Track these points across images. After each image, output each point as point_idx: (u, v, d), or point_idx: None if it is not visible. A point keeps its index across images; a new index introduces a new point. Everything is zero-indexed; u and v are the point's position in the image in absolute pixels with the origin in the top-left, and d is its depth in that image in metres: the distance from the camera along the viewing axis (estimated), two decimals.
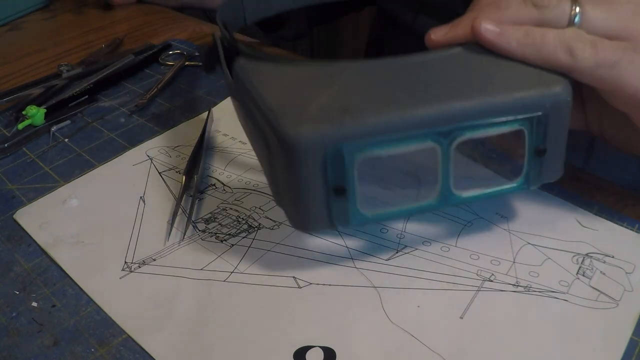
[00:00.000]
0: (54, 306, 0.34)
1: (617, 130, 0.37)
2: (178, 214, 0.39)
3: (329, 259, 0.36)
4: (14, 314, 0.34)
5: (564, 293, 0.33)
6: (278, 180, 0.32)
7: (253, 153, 0.46)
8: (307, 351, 0.31)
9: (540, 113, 0.31)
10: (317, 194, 0.30)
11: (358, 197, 0.31)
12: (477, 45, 0.33)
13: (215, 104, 0.53)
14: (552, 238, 0.36)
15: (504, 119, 0.31)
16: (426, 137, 0.30)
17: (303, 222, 0.32)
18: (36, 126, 0.50)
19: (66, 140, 0.49)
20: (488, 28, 0.32)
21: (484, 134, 0.31)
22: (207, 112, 0.50)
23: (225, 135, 0.48)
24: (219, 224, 0.39)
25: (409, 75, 0.32)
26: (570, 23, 0.32)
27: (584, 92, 0.37)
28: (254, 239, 0.38)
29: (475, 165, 0.33)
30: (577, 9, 0.32)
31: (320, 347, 0.31)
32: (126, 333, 0.32)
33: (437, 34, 0.34)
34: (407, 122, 0.30)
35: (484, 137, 0.31)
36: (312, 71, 0.33)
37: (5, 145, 0.48)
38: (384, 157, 0.30)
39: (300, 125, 0.29)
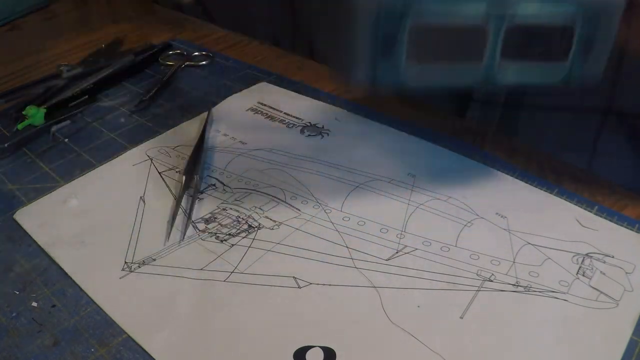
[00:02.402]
0: (54, 306, 0.34)
1: None
2: (178, 214, 0.39)
3: (329, 259, 0.36)
4: (14, 314, 0.34)
5: (564, 293, 0.33)
6: (336, 35, 0.35)
7: (253, 153, 0.46)
8: (307, 351, 0.31)
9: (591, 11, 0.33)
10: (369, 47, 0.33)
11: (404, 59, 0.33)
12: None
13: (215, 104, 0.53)
14: (552, 238, 0.37)
15: (558, 8, 0.33)
16: (480, 12, 0.32)
17: (352, 72, 0.34)
18: (36, 126, 0.50)
19: (66, 140, 0.49)
20: None
21: (537, 19, 0.33)
22: (207, 112, 0.50)
23: (225, 135, 0.48)
24: (219, 224, 0.39)
25: None
26: None
27: None
28: (254, 239, 0.38)
29: (522, 55, 0.34)
30: None
31: (320, 347, 0.31)
32: (126, 333, 0.32)
33: None
34: None
35: (536, 24, 0.33)
36: None
37: (5, 145, 0.48)
38: (436, 27, 0.32)
39: None
